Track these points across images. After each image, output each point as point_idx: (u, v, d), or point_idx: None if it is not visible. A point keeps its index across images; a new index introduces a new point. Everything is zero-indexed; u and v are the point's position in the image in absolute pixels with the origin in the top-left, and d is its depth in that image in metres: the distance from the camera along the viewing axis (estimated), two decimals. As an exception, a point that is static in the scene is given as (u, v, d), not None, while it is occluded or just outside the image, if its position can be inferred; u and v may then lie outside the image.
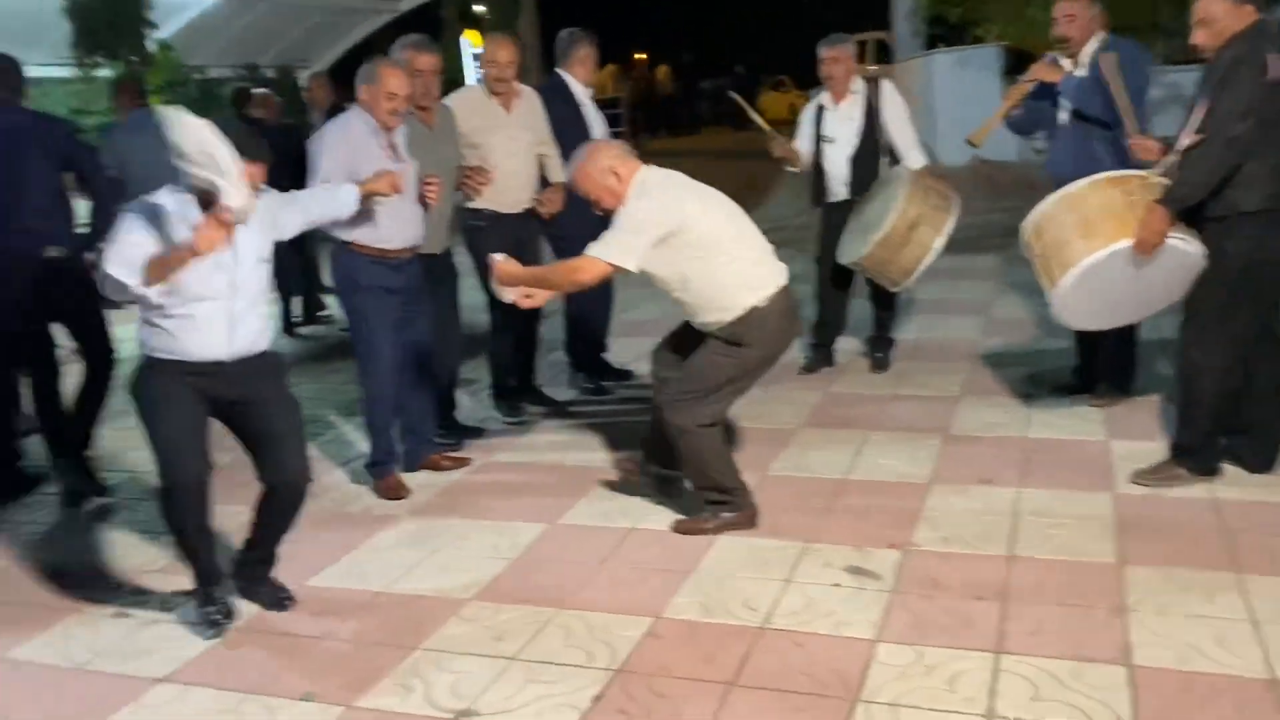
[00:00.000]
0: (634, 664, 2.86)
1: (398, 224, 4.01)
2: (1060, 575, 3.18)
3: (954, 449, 4.31)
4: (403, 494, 4.18)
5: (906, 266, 4.93)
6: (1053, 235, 3.70)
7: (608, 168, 3.50)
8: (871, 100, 5.29)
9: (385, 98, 3.89)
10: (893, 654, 2.82)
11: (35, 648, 3.23)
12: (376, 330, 4.09)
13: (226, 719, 2.75)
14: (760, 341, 3.55)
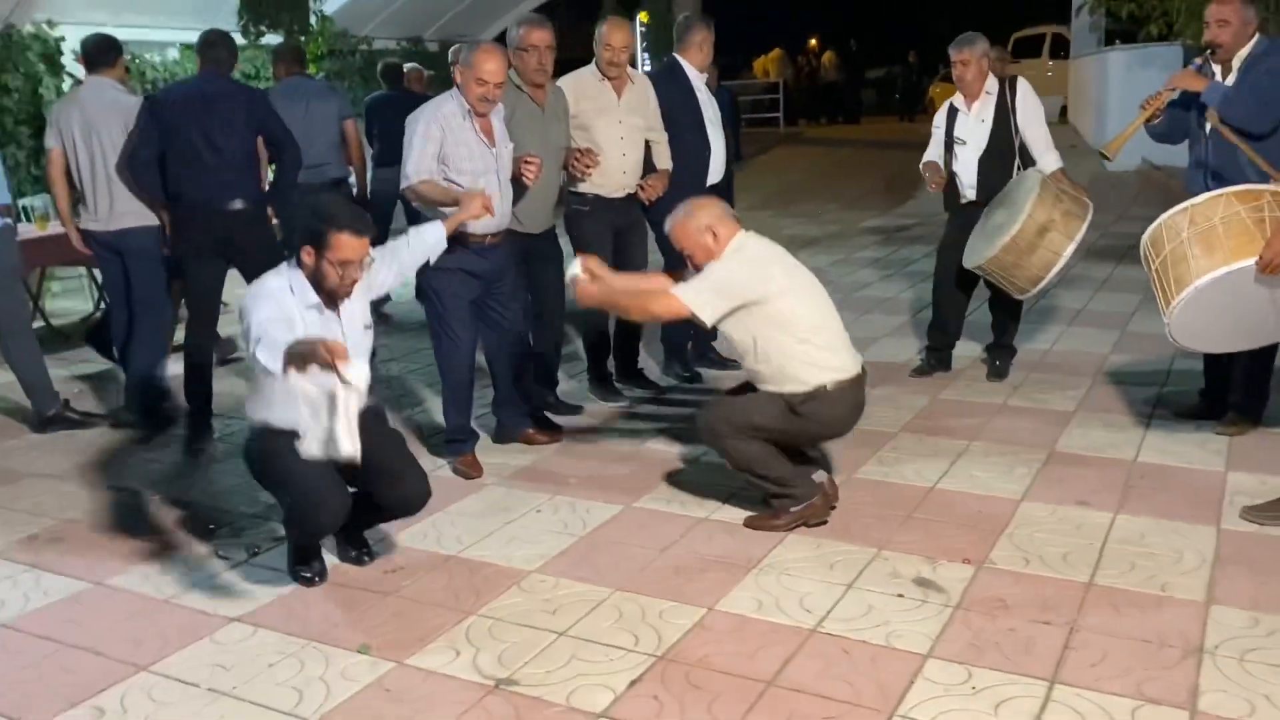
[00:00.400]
0: (677, 653, 2.87)
1: None
2: (1139, 607, 3.01)
3: (1055, 467, 4.13)
4: (475, 473, 4.20)
5: (1034, 274, 4.74)
6: (1171, 249, 3.50)
7: (705, 226, 3.55)
8: (1005, 100, 5.09)
9: (476, 83, 3.87)
10: (941, 671, 2.73)
11: (132, 578, 3.47)
12: (452, 311, 4.12)
13: (286, 662, 2.89)
14: (817, 419, 3.55)
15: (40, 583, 3.46)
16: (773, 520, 3.61)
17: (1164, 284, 3.54)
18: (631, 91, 4.82)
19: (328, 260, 3.05)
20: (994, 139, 5.05)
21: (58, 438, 4.98)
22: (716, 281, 3.50)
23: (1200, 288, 3.38)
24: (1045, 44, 23.27)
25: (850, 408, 3.61)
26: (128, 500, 4.17)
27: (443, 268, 3.99)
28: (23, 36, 8.77)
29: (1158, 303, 3.66)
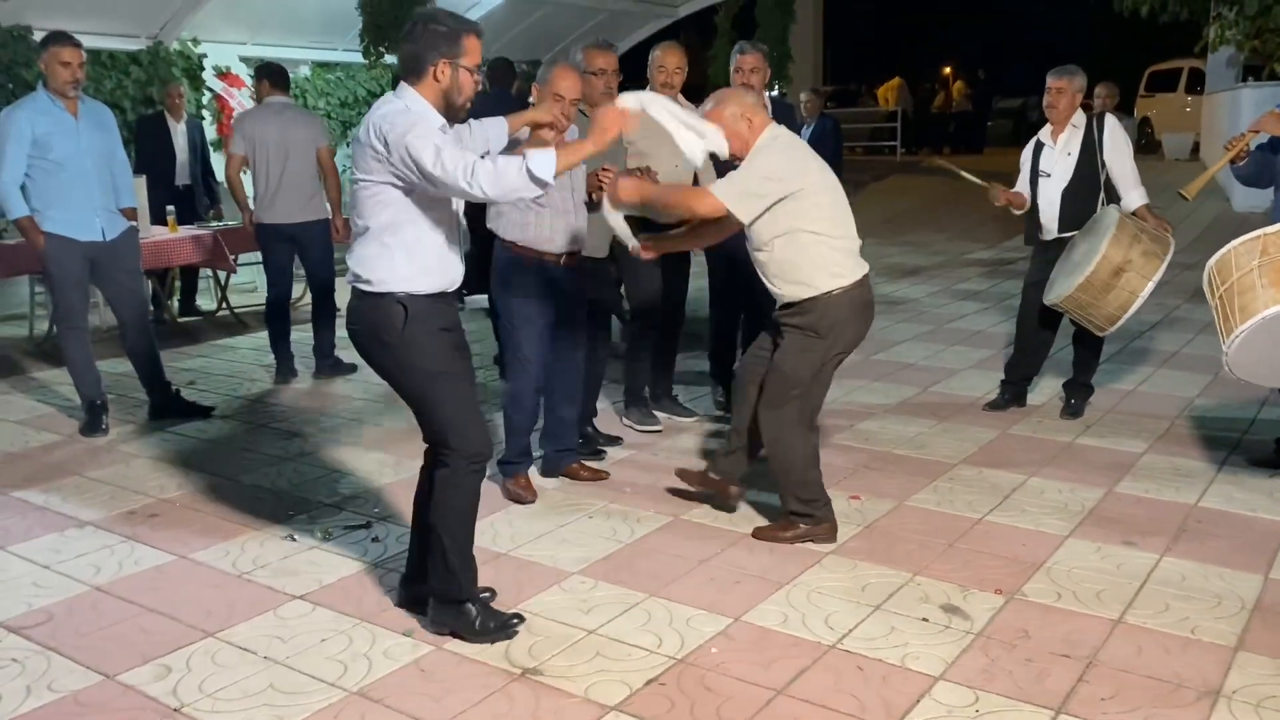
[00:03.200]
0: (696, 657, 3.00)
1: (559, 227, 4.06)
2: (1163, 647, 3.01)
3: (1110, 506, 4.11)
4: (529, 498, 4.20)
5: (1111, 313, 4.71)
6: (1239, 277, 3.48)
7: (741, 113, 3.60)
8: (1092, 135, 5.07)
9: (553, 99, 3.90)
10: (949, 693, 2.80)
11: (213, 554, 3.78)
12: (525, 331, 4.11)
13: (335, 639, 3.13)
14: (833, 331, 3.63)
15: (134, 553, 3.80)
16: (780, 532, 3.75)
17: (1227, 312, 3.51)
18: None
19: (464, 68, 2.90)
20: (1078, 173, 5.03)
21: (166, 424, 5.39)
22: (758, 176, 3.54)
23: (1268, 318, 3.35)
24: (1182, 78, 22.54)
25: (858, 307, 3.66)
26: (220, 484, 4.51)
27: (515, 288, 4.07)
28: (169, 52, 9.45)
29: (1218, 332, 3.64)
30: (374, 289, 2.96)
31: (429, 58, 2.88)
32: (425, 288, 2.98)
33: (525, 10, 12.26)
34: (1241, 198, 11.82)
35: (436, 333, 3.00)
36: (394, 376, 3.05)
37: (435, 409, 3.01)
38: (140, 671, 2.97)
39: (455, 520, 3.07)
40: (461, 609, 3.09)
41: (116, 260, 5.25)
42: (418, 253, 2.95)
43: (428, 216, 2.96)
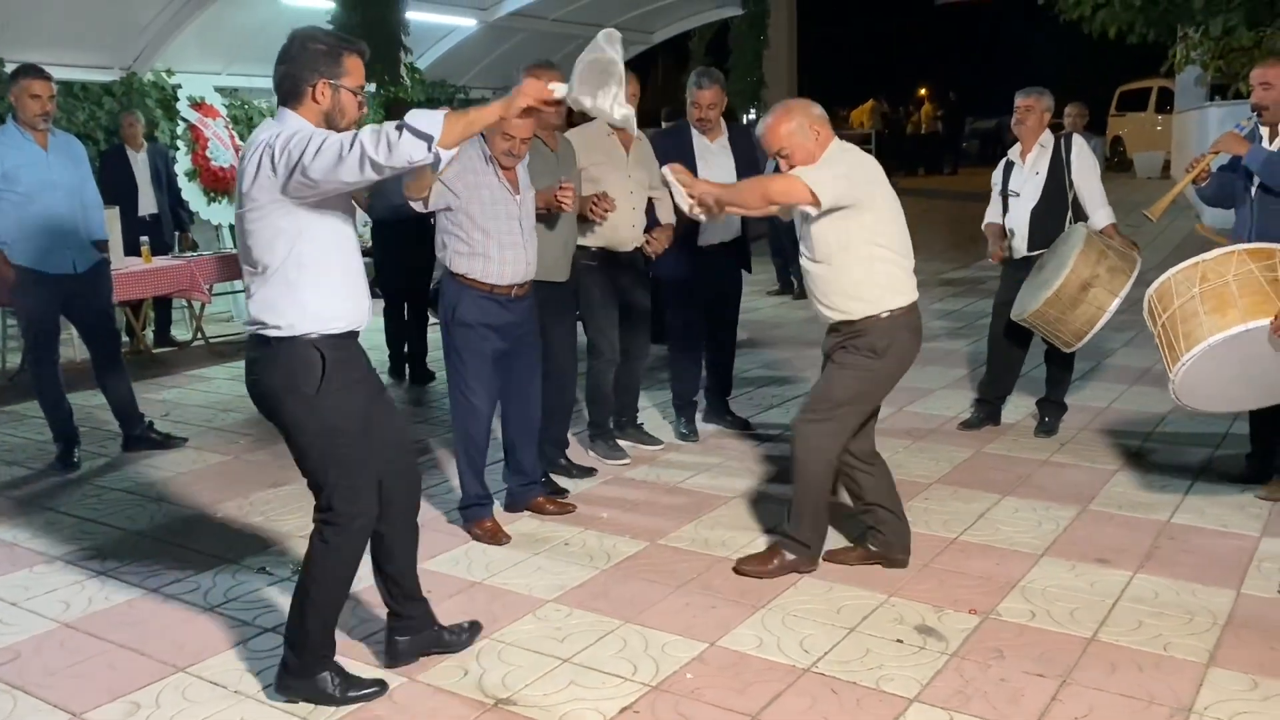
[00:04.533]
0: (671, 684, 2.99)
1: (508, 259, 3.91)
2: (1136, 665, 3.02)
3: (1084, 523, 4.13)
4: (502, 539, 4.05)
5: (1078, 329, 4.75)
6: (1181, 304, 3.48)
7: (810, 124, 3.50)
8: (1060, 155, 5.13)
9: (502, 136, 3.78)
10: (923, 715, 2.80)
11: (185, 586, 3.75)
12: (473, 369, 3.97)
13: (308, 672, 3.10)
14: (890, 352, 3.58)
15: (104, 588, 3.76)
16: (764, 565, 3.68)
17: (1171, 339, 3.51)
18: (638, 147, 4.85)
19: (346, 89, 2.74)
20: (1047, 192, 5.09)
21: (139, 456, 5.35)
22: (835, 171, 3.44)
23: (1213, 345, 3.36)
24: (1152, 98, 22.84)
25: (913, 330, 3.64)
26: (193, 517, 4.48)
27: (466, 323, 3.93)
28: (143, 83, 9.43)
29: (1164, 356, 3.64)
30: (284, 334, 2.74)
31: (307, 78, 2.70)
32: (340, 326, 2.80)
33: (499, 38, 12.32)
34: (1210, 216, 11.97)
35: (354, 384, 2.85)
36: (297, 433, 2.82)
37: (329, 470, 2.83)
38: (108, 709, 2.93)
39: (328, 587, 2.90)
40: (318, 679, 2.91)
41: (88, 293, 5.22)
42: (326, 288, 2.77)
43: (330, 247, 2.78)
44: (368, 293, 2.94)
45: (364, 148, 2.47)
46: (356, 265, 2.89)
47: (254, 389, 2.85)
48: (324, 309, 2.77)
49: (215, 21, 9.63)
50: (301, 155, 2.55)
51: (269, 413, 2.85)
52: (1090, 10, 12.62)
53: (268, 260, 2.73)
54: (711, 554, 3.91)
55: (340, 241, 2.81)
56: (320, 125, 2.71)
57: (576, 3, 12.25)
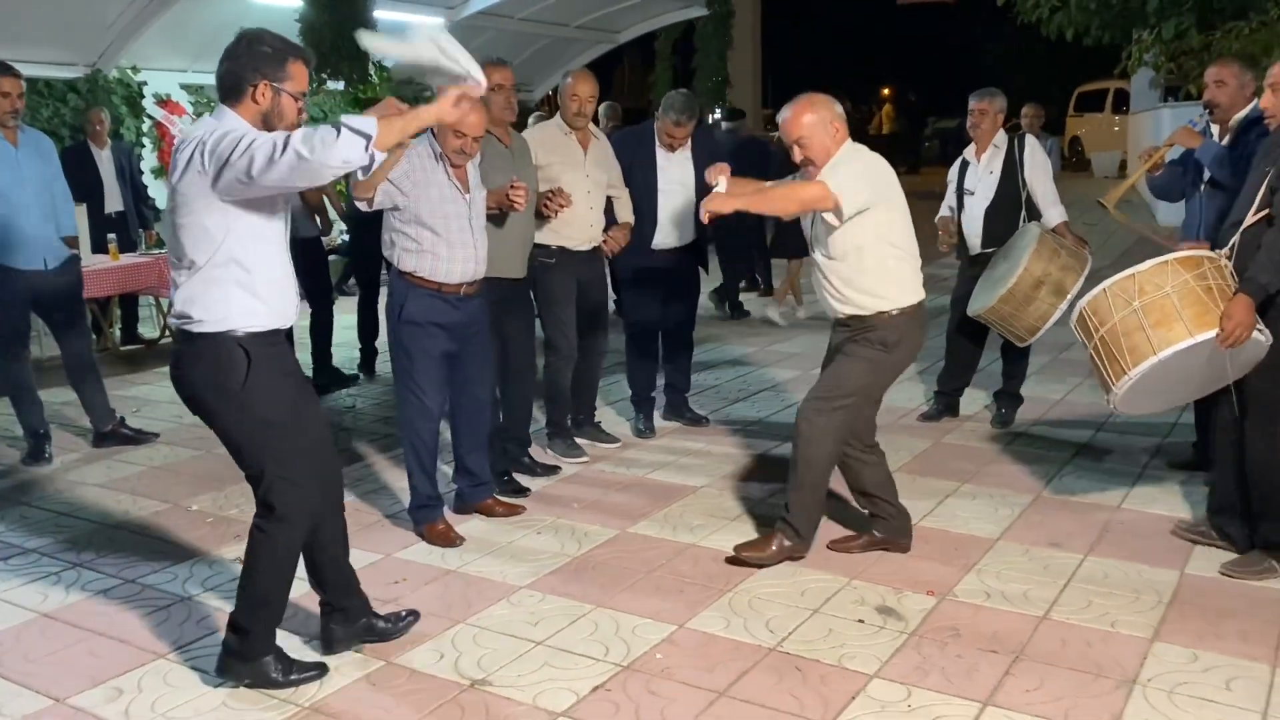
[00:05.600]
0: (642, 664, 3.10)
1: (457, 258, 3.89)
2: (1085, 641, 3.17)
3: (1038, 510, 4.28)
4: (454, 540, 4.02)
5: (1031, 324, 4.90)
6: (1122, 318, 3.49)
7: (831, 120, 3.60)
8: (1014, 155, 5.29)
9: (454, 134, 3.77)
10: (883, 690, 2.92)
11: (162, 577, 3.81)
12: (421, 369, 3.93)
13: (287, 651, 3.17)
14: (899, 346, 3.70)
15: (81, 578, 3.80)
16: (760, 551, 3.77)
17: (1113, 353, 3.51)
18: (596, 146, 4.89)
19: (287, 93, 2.79)
20: (1000, 191, 5.26)
21: (111, 452, 5.38)
22: (856, 176, 3.53)
23: (1164, 359, 3.39)
24: (1108, 99, 23.27)
25: (923, 326, 3.77)
26: (167, 510, 4.52)
27: (413, 321, 3.90)
28: (108, 80, 9.40)
29: (1101, 371, 3.65)
30: (208, 329, 2.78)
31: (249, 78, 2.73)
32: (264, 324, 2.83)
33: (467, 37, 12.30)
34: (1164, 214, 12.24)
35: (281, 378, 2.89)
36: (228, 427, 2.88)
37: (269, 464, 2.87)
38: (91, 694, 2.99)
39: (270, 576, 2.96)
40: (260, 664, 2.98)
41: (58, 289, 5.25)
42: (251, 285, 2.79)
43: (257, 245, 2.80)
44: (295, 292, 2.97)
45: (297, 149, 2.50)
46: (284, 264, 2.91)
47: (178, 384, 2.89)
48: (249, 306, 2.80)
49: (181, 18, 9.60)
50: (231, 154, 2.58)
51: (195, 407, 2.90)
52: (1048, 12, 12.88)
53: (194, 256, 2.76)
54: (679, 541, 4.03)
55: (268, 240, 2.83)
56: (257, 126, 2.75)
57: (543, 2, 12.32)
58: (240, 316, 2.79)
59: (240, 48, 2.77)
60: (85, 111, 8.48)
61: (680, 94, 5.16)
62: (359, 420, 6.01)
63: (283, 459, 2.88)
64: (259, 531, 2.94)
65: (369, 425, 5.86)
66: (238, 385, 2.79)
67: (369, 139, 2.53)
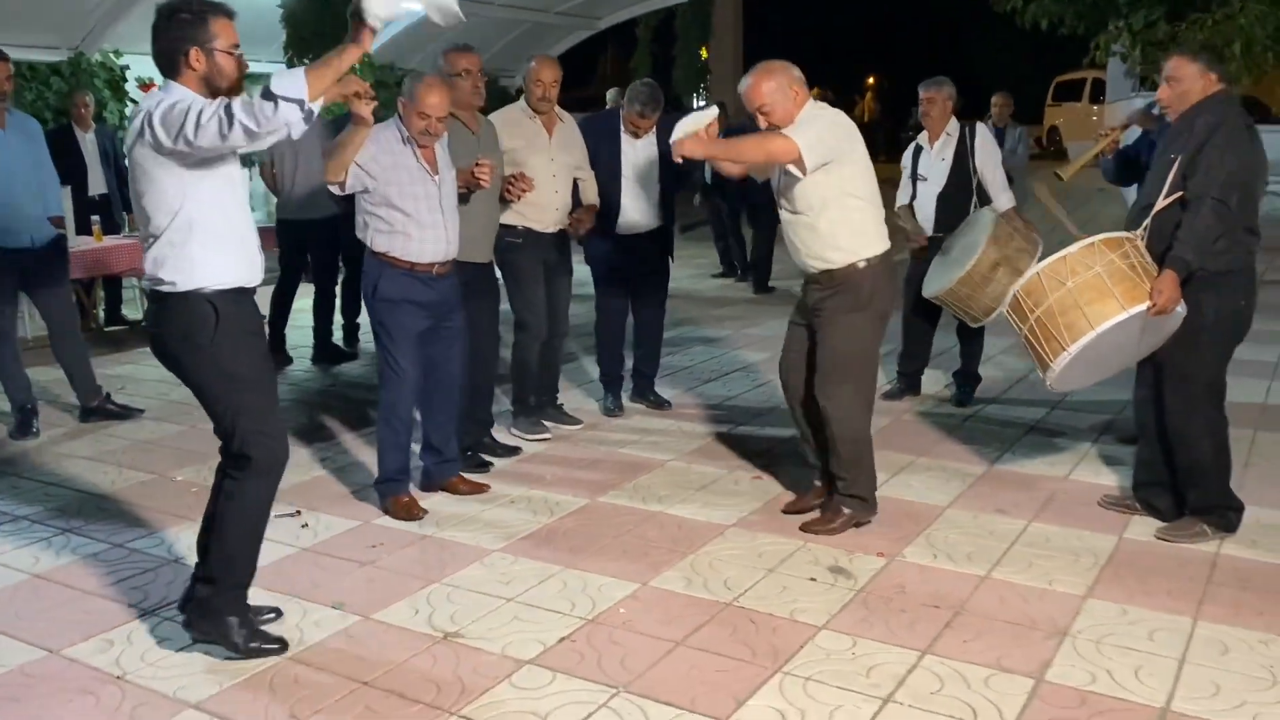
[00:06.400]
0: (606, 617, 3.29)
1: (427, 238, 4.01)
2: (1022, 598, 3.38)
3: (988, 482, 4.49)
4: (417, 514, 4.13)
5: (987, 305, 5.08)
6: (1057, 298, 3.67)
7: (790, 84, 3.75)
8: (965, 143, 5.49)
9: (418, 116, 3.89)
10: (831, 640, 3.12)
11: (150, 542, 3.97)
12: (399, 343, 4.05)
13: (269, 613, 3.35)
14: (874, 299, 3.85)
15: (71, 543, 3.96)
16: (829, 524, 3.91)
17: (1050, 331, 3.70)
18: (561, 130, 4.99)
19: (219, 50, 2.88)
20: (953, 177, 5.47)
21: (98, 426, 5.53)
22: (820, 132, 3.67)
23: (1102, 332, 3.59)
24: (1086, 88, 23.52)
25: (892, 275, 3.93)
26: (154, 481, 4.68)
27: (389, 298, 4.02)
28: (91, 64, 9.49)
29: (1037, 350, 3.82)
30: (178, 289, 2.93)
31: (179, 48, 2.84)
32: (229, 281, 2.97)
33: (448, 22, 12.49)
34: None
35: (248, 335, 3.03)
36: (201, 382, 3.02)
37: (241, 417, 3.00)
38: (83, 646, 3.16)
39: (245, 533, 3.08)
40: (224, 621, 3.07)
41: (45, 267, 5.39)
42: (214, 245, 2.93)
43: (216, 208, 2.93)
44: (259, 252, 3.10)
45: (244, 123, 2.65)
46: (245, 224, 3.04)
47: (153, 342, 3.05)
48: (213, 266, 2.94)
49: (164, 3, 9.70)
50: (182, 124, 2.71)
51: (171, 364, 3.04)
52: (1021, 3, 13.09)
53: (157, 220, 2.90)
54: (647, 509, 4.22)
55: (227, 202, 2.97)
56: (202, 90, 2.86)
57: (525, -13, 12.47)
58: (206, 275, 2.93)
59: (162, 23, 2.88)
60: (69, 95, 8.57)
61: (644, 84, 5.25)
62: (336, 397, 6.17)
63: (256, 412, 3.03)
64: (232, 484, 3.06)
65: (346, 402, 6.02)
66: (208, 341, 2.94)
67: (302, 101, 2.65)
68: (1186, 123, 3.66)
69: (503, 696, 2.85)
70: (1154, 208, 3.67)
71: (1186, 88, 3.67)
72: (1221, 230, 3.54)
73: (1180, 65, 3.68)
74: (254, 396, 3.03)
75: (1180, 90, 3.68)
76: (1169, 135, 3.76)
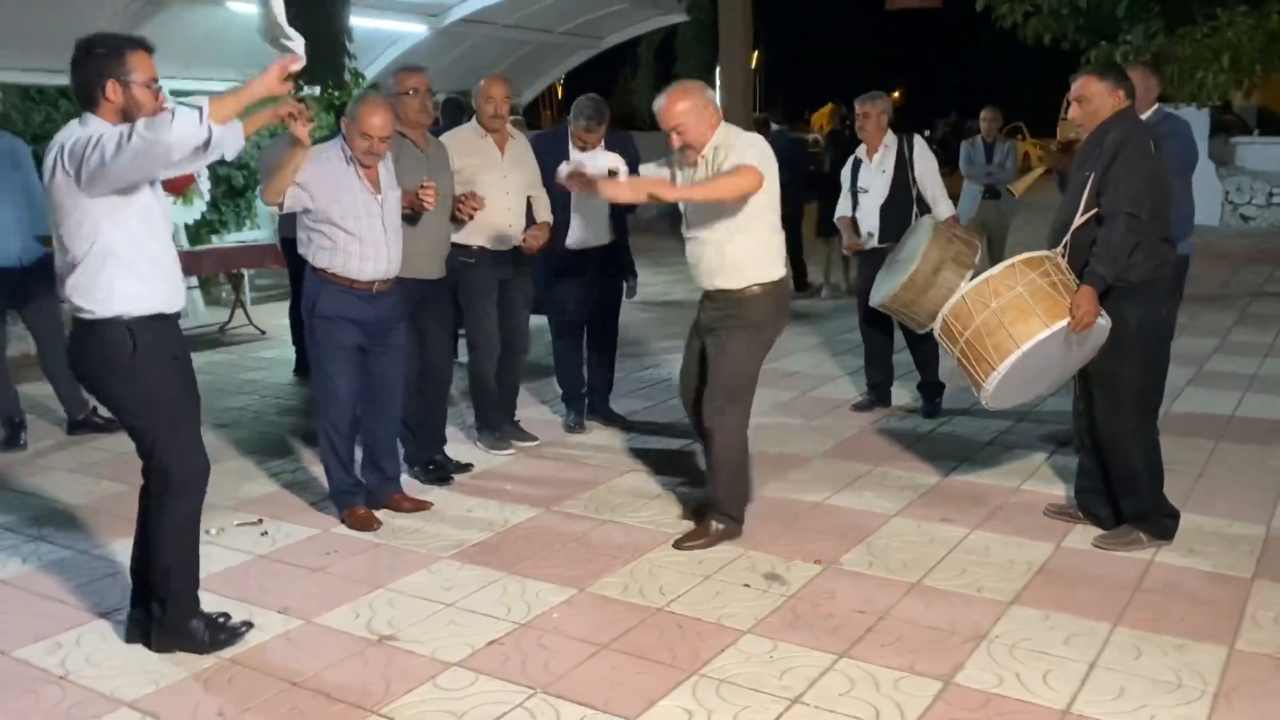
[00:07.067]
0: (538, 622, 3.38)
1: (369, 255, 4.04)
2: (947, 604, 3.44)
3: (941, 489, 4.55)
4: (373, 525, 4.20)
5: (931, 310, 5.15)
6: (983, 320, 3.73)
7: (705, 106, 3.76)
8: (904, 154, 5.58)
9: (361, 137, 3.92)
10: (752, 644, 3.20)
11: (114, 549, 4.10)
12: (335, 360, 4.08)
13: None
14: (771, 320, 3.92)
15: (39, 550, 4.11)
16: (697, 540, 3.95)
17: (980, 353, 3.75)
18: (513, 148, 5.02)
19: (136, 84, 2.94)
20: (893, 189, 5.58)
21: (84, 439, 5.69)
22: (762, 151, 3.72)
23: (1027, 351, 3.64)
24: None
25: (786, 300, 3.99)
26: (129, 491, 4.77)
27: (325, 315, 4.05)
28: (101, 89, 9.70)
29: (969, 371, 3.86)
30: (95, 316, 3.00)
31: (96, 81, 2.91)
32: (149, 308, 3.04)
33: (450, 44, 12.64)
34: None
35: (168, 360, 3.11)
36: (121, 406, 3.12)
37: (161, 439, 3.09)
38: (33, 648, 3.29)
39: (175, 547, 3.17)
40: (187, 628, 3.20)
41: (34, 286, 5.56)
42: (130, 274, 2.99)
43: (132, 237, 2.99)
44: (180, 279, 3.18)
45: (140, 132, 2.69)
46: (163, 252, 3.10)
47: (73, 367, 3.15)
48: (130, 293, 3.01)
49: (167, 27, 9.89)
50: (85, 151, 2.80)
51: (90, 387, 3.15)
52: (1022, 17, 13.14)
53: (75, 249, 2.98)
54: (598, 517, 4.31)
55: (144, 231, 3.03)
56: (120, 122, 2.89)
57: (526, 9, 12.60)
58: (124, 302, 3.01)
59: (80, 56, 2.94)
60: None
61: (588, 99, 5.30)
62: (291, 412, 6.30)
63: (174, 432, 3.12)
64: (156, 503, 3.16)
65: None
66: (126, 366, 3.03)
67: (200, 110, 2.70)
68: (1096, 140, 3.73)
69: (425, 697, 2.95)
70: (1071, 225, 3.74)
71: (1096, 106, 3.74)
72: (1135, 242, 3.61)
73: (1087, 84, 3.76)
74: (173, 417, 3.12)
75: (1091, 109, 3.75)
76: (1082, 152, 3.83)
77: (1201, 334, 7.72)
